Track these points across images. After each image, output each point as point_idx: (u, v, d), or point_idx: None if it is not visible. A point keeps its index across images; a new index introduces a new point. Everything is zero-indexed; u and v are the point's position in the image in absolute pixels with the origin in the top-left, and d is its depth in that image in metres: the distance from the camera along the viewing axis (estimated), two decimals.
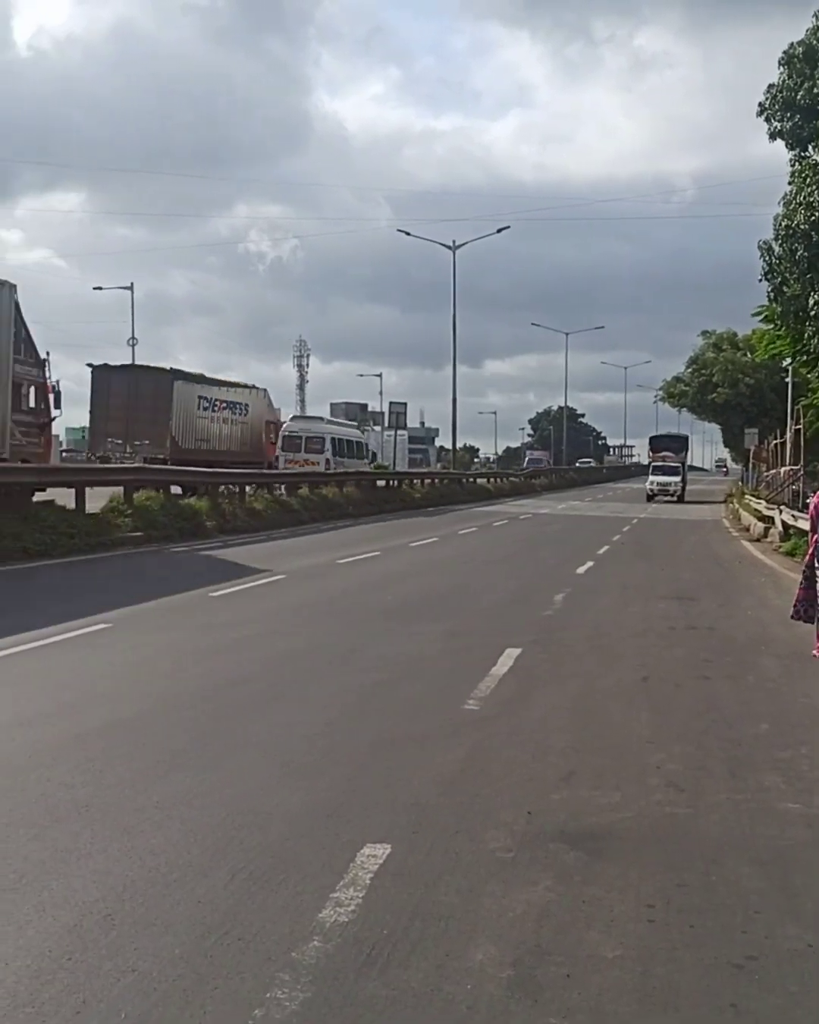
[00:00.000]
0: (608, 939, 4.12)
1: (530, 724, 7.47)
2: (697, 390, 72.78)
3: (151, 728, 7.08)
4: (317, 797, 5.74)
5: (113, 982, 3.68)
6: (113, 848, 4.91)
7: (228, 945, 3.99)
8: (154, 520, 22.21)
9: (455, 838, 5.19)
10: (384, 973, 3.81)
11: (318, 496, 33.44)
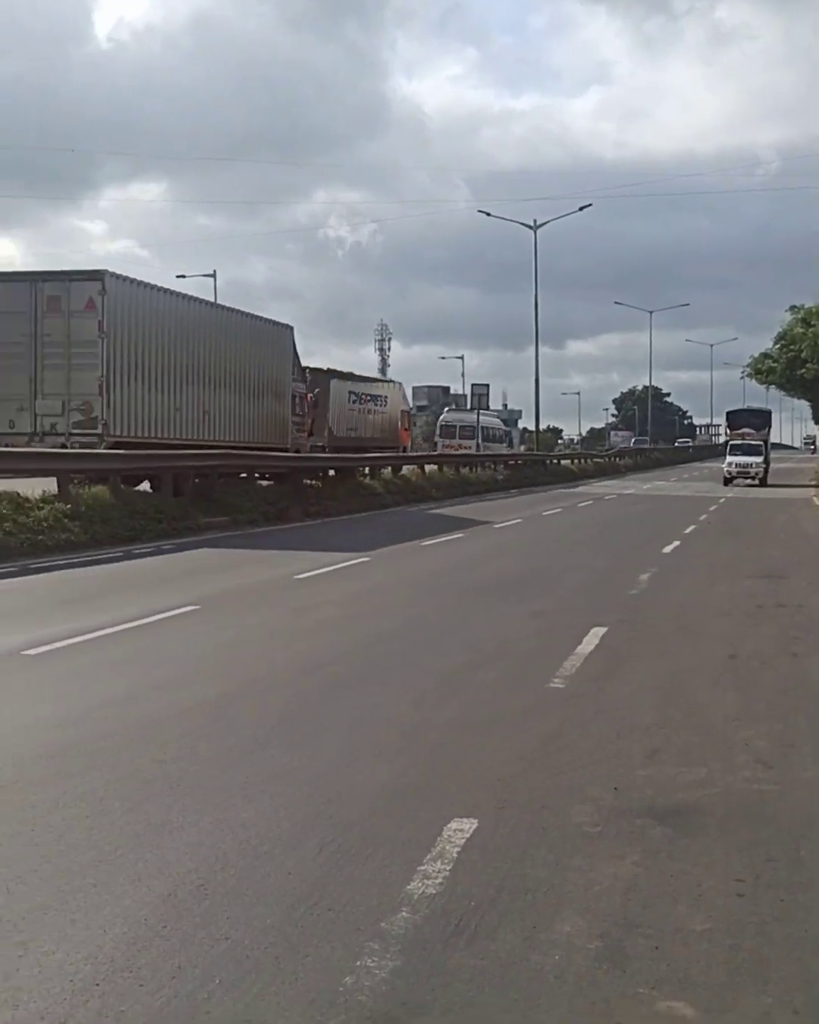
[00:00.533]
0: (696, 912, 4.12)
1: (616, 702, 7.45)
2: (785, 366, 71.36)
3: (239, 707, 7.19)
4: (404, 773, 5.80)
5: (207, 949, 3.77)
6: (204, 822, 5.02)
7: (318, 915, 4.06)
8: (239, 505, 22.47)
9: (541, 813, 5.21)
10: (472, 943, 3.86)
11: (401, 480, 33.56)
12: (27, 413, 21.59)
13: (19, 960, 3.66)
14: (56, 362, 21.39)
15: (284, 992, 3.48)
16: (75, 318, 21.21)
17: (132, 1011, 3.34)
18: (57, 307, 21.28)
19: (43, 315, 21.37)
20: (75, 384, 21.34)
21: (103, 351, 21.23)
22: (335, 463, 31.46)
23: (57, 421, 21.55)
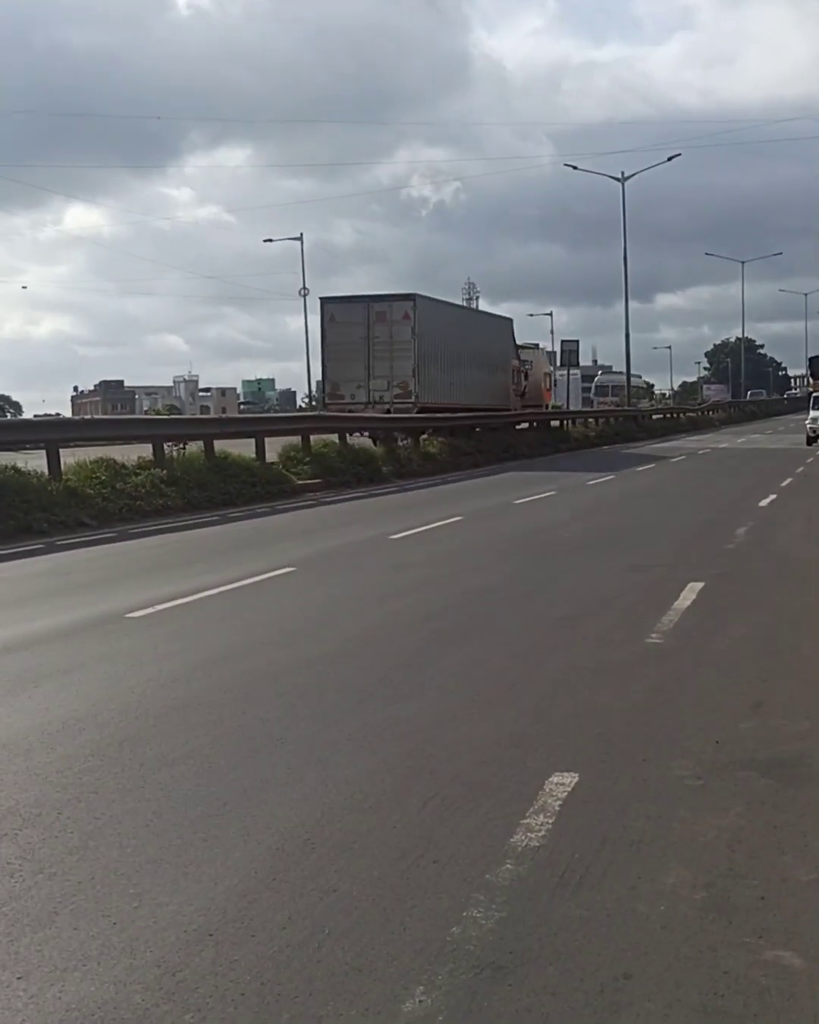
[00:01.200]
0: (802, 863, 4.10)
1: (715, 655, 7.39)
2: None
3: (340, 665, 7.28)
4: (505, 728, 5.84)
5: (316, 901, 3.85)
6: (309, 777, 5.11)
7: (423, 868, 4.12)
8: (331, 467, 22.62)
9: (643, 766, 5.21)
10: (577, 894, 3.88)
11: (491, 438, 33.46)
12: (363, 389, 32.32)
13: (134, 911, 3.77)
14: (382, 355, 32.13)
15: (393, 941, 3.55)
16: (395, 326, 32.05)
17: (245, 960, 3.43)
18: (383, 319, 32.21)
19: (373, 324, 32.17)
20: (396, 370, 32.08)
21: (414, 347, 32.03)
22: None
23: (384, 394, 32.19)
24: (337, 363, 32.89)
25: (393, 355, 32.08)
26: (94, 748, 5.57)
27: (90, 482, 16.45)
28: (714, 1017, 3.11)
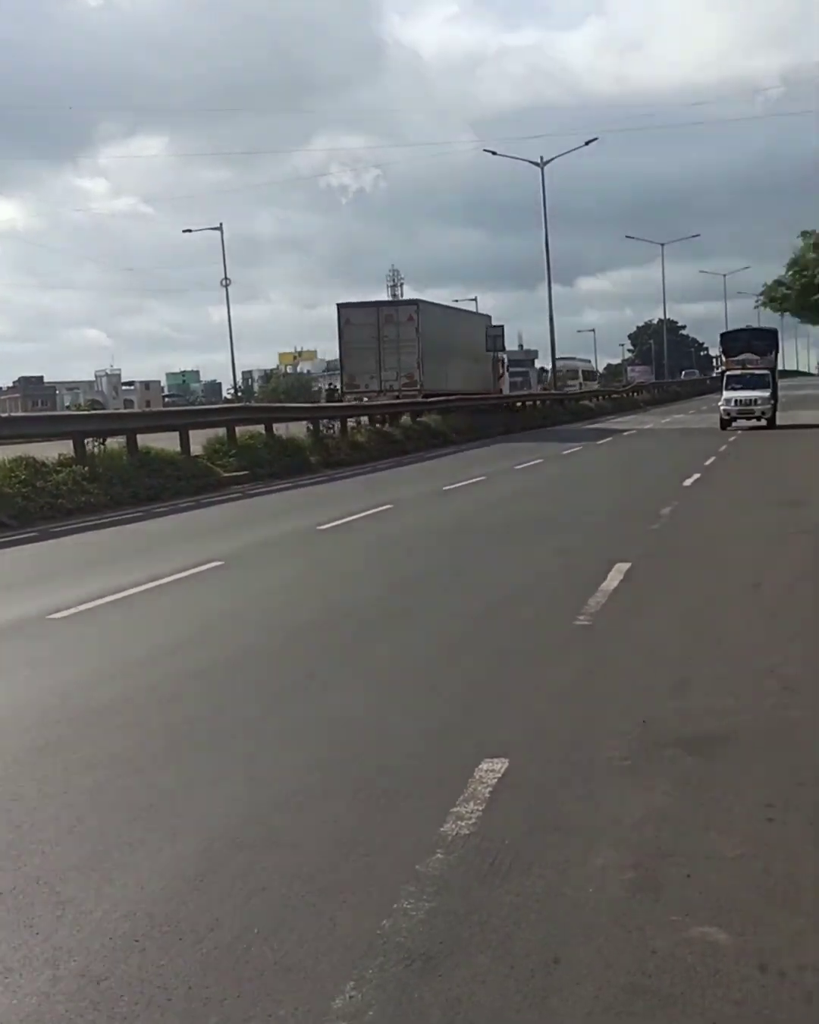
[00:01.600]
0: (728, 839, 4.14)
1: (642, 635, 7.46)
2: (799, 292, 70.40)
3: (269, 660, 7.24)
4: (434, 716, 5.83)
5: (244, 901, 3.81)
6: (237, 776, 5.06)
7: (353, 861, 4.10)
8: (258, 458, 22.49)
9: (571, 749, 5.23)
10: (507, 881, 3.89)
11: (420, 425, 33.49)
12: (375, 379, 37.98)
13: (58, 920, 3.71)
14: (391, 351, 37.84)
15: (323, 938, 3.52)
16: (402, 327, 37.73)
17: (172, 965, 3.39)
18: (391, 320, 38.02)
19: (383, 325, 37.88)
20: (403, 363, 37.82)
21: (418, 344, 37.79)
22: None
23: (393, 383, 37.79)
24: (352, 358, 38.89)
25: (400, 351, 37.97)
26: (15, 754, 5.47)
27: (9, 481, 16.16)
28: (642, 997, 3.13)
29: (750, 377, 35.01)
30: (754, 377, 34.98)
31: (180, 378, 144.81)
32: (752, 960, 3.28)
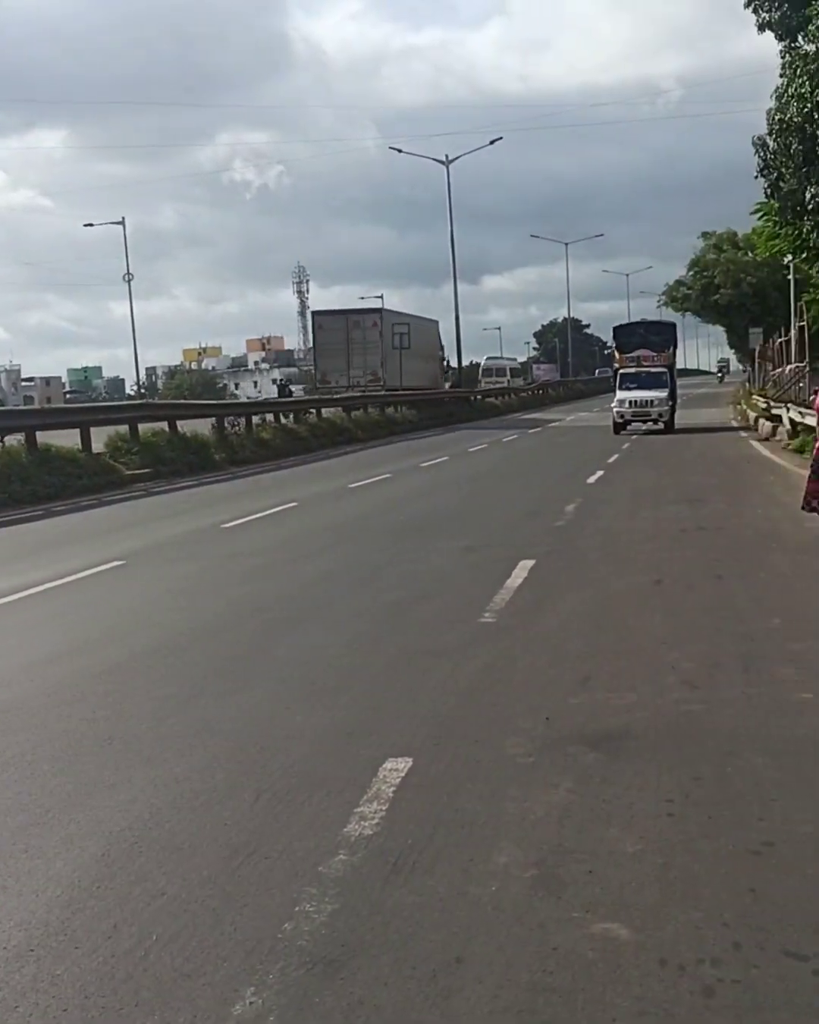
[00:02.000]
0: (628, 835, 4.18)
1: (546, 632, 7.51)
2: (700, 292, 71.79)
3: (171, 660, 7.14)
4: (339, 716, 5.80)
5: (143, 906, 3.75)
6: (137, 778, 4.98)
7: (255, 864, 4.06)
8: (161, 456, 22.23)
9: (475, 747, 5.24)
10: (409, 881, 3.88)
11: (327, 423, 33.41)
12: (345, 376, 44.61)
13: None
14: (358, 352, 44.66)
15: (223, 943, 3.48)
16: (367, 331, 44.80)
17: (68, 974, 3.32)
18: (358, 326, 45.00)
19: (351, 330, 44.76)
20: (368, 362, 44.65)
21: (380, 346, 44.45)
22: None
23: (360, 380, 44.37)
24: (325, 358, 46.07)
25: (366, 352, 44.82)
26: None
27: None
28: (542, 995, 3.14)
29: (646, 376, 31.89)
30: (650, 376, 31.94)
31: (82, 374, 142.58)
32: (652, 955, 3.32)
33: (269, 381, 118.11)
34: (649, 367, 32.61)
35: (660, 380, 31.89)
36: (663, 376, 32.10)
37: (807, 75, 20.91)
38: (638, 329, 35.50)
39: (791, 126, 21.19)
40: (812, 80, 20.72)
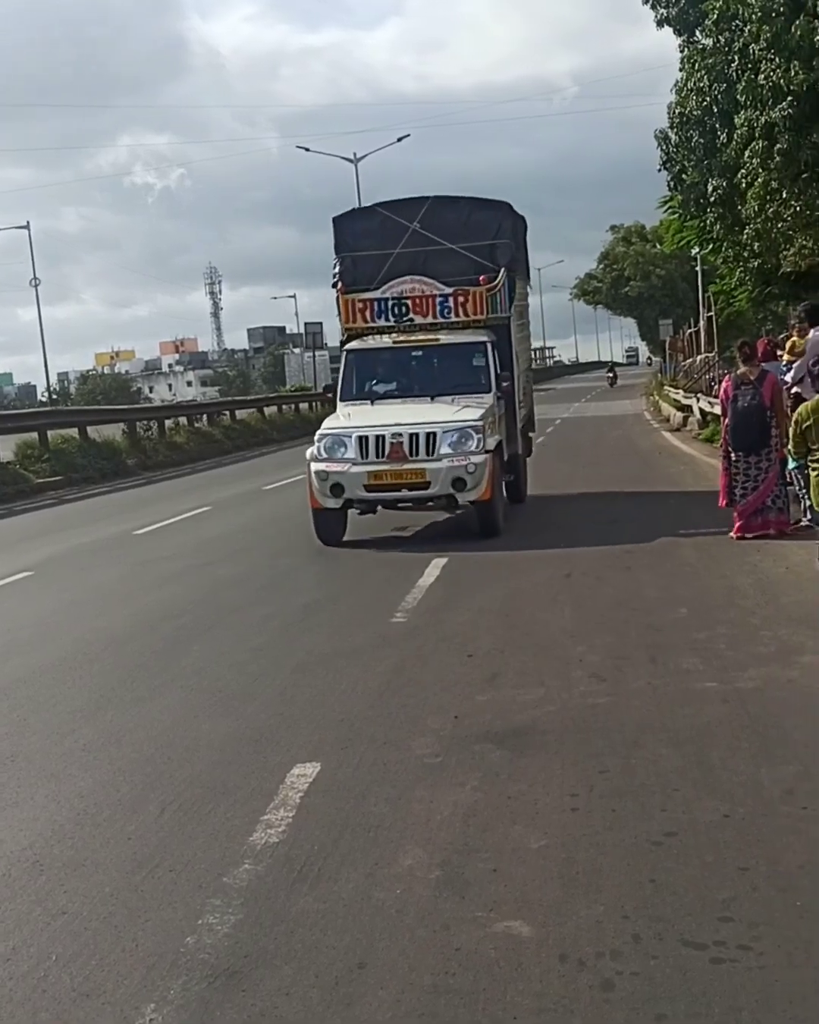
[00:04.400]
0: (533, 831, 4.20)
1: (456, 630, 7.52)
2: (610, 285, 72.68)
3: (77, 672, 7.04)
4: (246, 723, 5.76)
5: (43, 926, 3.69)
6: (39, 795, 4.91)
7: (159, 878, 4.01)
8: (72, 462, 21.92)
9: (383, 749, 5.24)
10: (315, 888, 3.86)
11: (241, 425, 33.22)
12: None
13: None
14: None
15: (123, 960, 3.44)
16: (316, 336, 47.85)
17: None
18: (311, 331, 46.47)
19: None
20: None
21: None
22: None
23: None
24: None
25: None
26: None
27: None
28: (444, 996, 3.14)
29: (422, 361, 12.78)
30: (436, 360, 12.62)
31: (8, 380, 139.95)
32: (553, 951, 3.34)
33: (184, 383, 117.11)
34: (431, 333, 12.64)
35: (465, 371, 12.45)
36: (478, 354, 12.49)
37: (705, 69, 21.17)
38: (395, 218, 13.07)
39: (691, 119, 21.46)
40: (710, 74, 20.98)
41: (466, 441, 11.04)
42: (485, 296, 12.55)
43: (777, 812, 4.22)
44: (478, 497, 11.13)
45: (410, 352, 12.67)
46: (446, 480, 10.98)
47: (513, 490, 13.37)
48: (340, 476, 11.15)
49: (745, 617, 7.27)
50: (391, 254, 12.72)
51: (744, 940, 3.31)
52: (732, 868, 3.77)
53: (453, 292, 12.58)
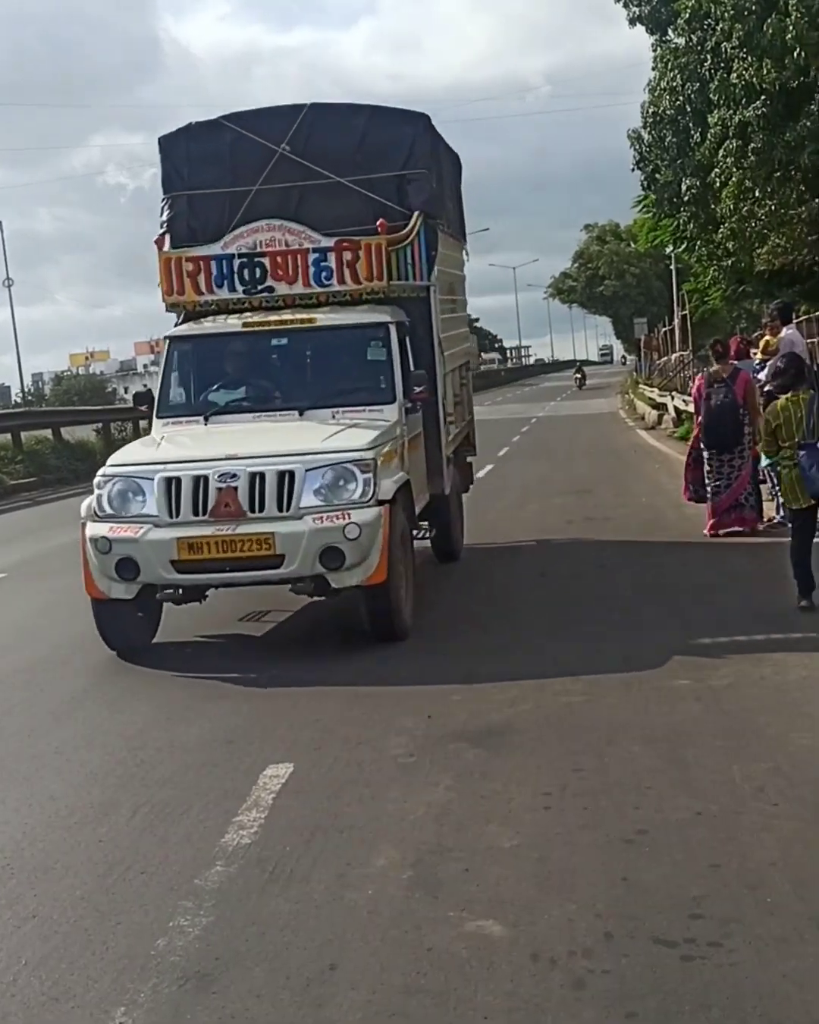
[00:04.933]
0: (505, 830, 4.20)
1: (431, 628, 7.49)
2: (585, 284, 72.85)
3: (52, 673, 7.01)
4: (219, 724, 5.75)
5: (13, 930, 3.67)
6: (11, 798, 4.88)
7: (130, 880, 4.00)
8: (47, 464, 21.83)
9: (357, 749, 5.24)
10: (287, 889, 3.85)
11: None
12: None
13: None
14: None
15: (93, 964, 3.42)
16: None
17: None
18: None
19: None
20: None
21: None
22: None
23: None
24: None
25: None
26: None
27: None
28: (415, 997, 3.14)
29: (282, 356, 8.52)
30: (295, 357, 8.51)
31: None
32: (525, 950, 3.34)
33: None
34: (304, 312, 8.33)
35: (356, 371, 8.33)
36: (375, 343, 8.17)
37: (678, 68, 21.24)
38: (252, 137, 8.72)
39: (664, 119, 21.54)
40: (683, 73, 21.07)
41: (345, 485, 6.78)
42: (386, 252, 8.26)
43: (749, 809, 4.24)
44: (365, 579, 6.75)
45: (269, 341, 8.35)
46: (309, 552, 6.65)
47: (442, 545, 9.65)
48: (131, 546, 6.80)
49: (717, 615, 7.29)
50: (248, 192, 8.54)
51: (715, 937, 3.32)
52: (704, 866, 3.78)
53: (336, 245, 8.28)
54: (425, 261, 8.50)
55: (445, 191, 9.93)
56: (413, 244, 8.39)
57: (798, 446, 6.98)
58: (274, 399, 8.14)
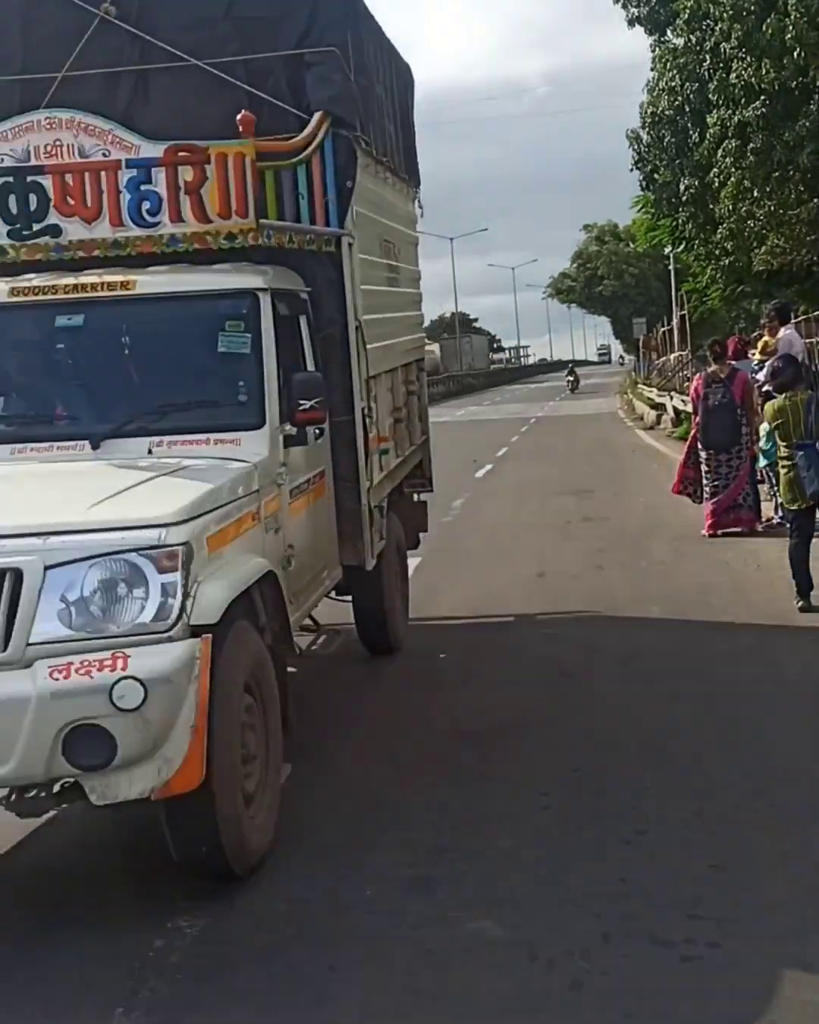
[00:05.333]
0: (503, 830, 4.21)
1: (430, 630, 7.51)
2: (584, 284, 72.92)
3: None
4: None
5: (12, 929, 3.68)
6: None
7: (129, 880, 4.00)
8: None
9: (355, 748, 5.24)
10: (286, 889, 3.86)
11: None
12: None
13: None
14: None
15: (93, 964, 3.42)
16: None
17: None
18: None
19: None
20: None
21: None
22: None
23: None
24: None
25: None
26: None
27: None
28: (415, 996, 3.15)
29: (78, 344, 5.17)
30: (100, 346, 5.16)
31: None
32: (523, 950, 3.35)
33: None
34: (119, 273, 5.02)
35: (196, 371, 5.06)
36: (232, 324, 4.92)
37: (677, 68, 21.27)
38: None
39: (663, 119, 21.56)
40: (682, 73, 21.09)
41: (122, 595, 3.61)
42: (255, 170, 4.98)
43: (746, 809, 4.24)
44: (160, 784, 3.52)
45: (51, 321, 5.09)
46: (41, 736, 3.42)
47: (370, 632, 6.70)
48: None
49: (717, 615, 7.29)
50: (50, 81, 5.43)
51: (713, 937, 3.32)
52: (702, 866, 3.79)
53: (167, 154, 5.00)
54: (334, 194, 5.46)
55: (379, 100, 6.57)
56: (311, 163, 5.34)
57: (796, 446, 6.98)
58: (52, 420, 5.04)
